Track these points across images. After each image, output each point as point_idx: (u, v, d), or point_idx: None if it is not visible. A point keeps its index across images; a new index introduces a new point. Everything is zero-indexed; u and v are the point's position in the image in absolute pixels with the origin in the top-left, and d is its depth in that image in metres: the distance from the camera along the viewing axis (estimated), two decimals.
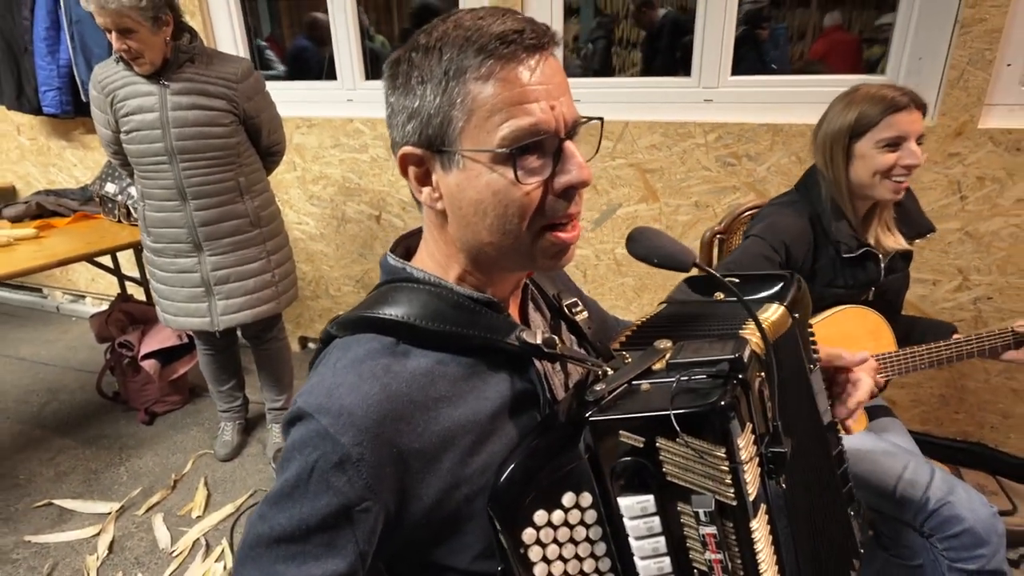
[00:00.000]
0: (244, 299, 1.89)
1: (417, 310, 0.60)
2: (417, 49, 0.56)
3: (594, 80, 2.16)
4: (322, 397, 0.55)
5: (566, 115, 0.56)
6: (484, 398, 0.60)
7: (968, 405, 1.94)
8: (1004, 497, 1.77)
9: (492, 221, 0.57)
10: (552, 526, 0.54)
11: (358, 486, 0.54)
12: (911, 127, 1.15)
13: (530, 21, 0.55)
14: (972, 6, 1.58)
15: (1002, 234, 1.74)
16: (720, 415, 0.50)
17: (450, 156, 0.57)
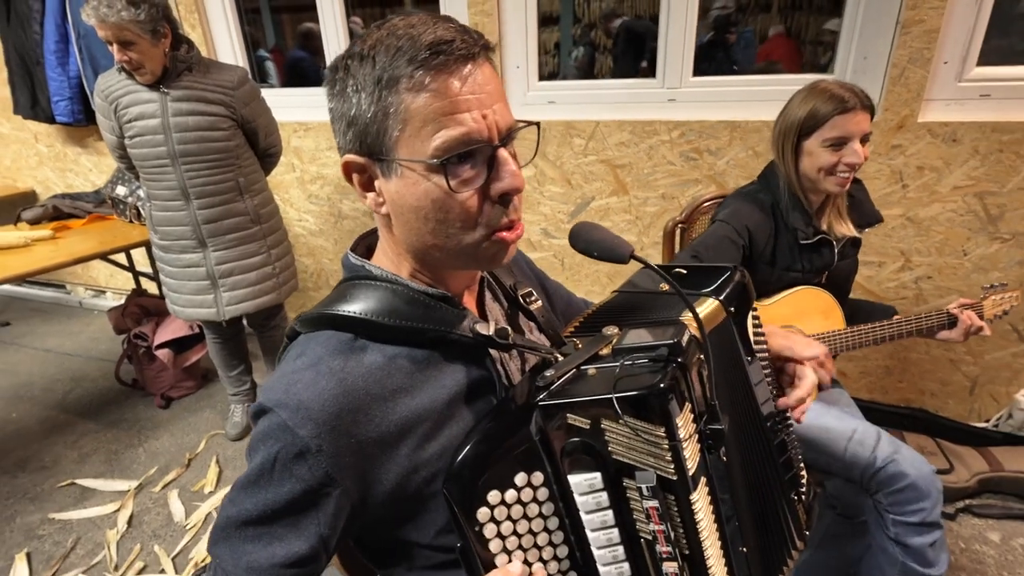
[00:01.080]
0: (247, 290, 1.86)
1: (374, 307, 0.58)
2: (353, 57, 0.53)
3: (566, 83, 2.12)
4: (281, 393, 0.54)
5: (499, 123, 0.53)
6: (440, 387, 0.59)
7: (910, 375, 1.94)
8: (942, 457, 1.78)
9: (433, 226, 0.55)
10: (505, 504, 0.53)
11: (318, 474, 0.53)
12: (855, 128, 1.13)
13: (462, 30, 0.52)
14: (912, 8, 1.56)
15: (940, 219, 1.73)
16: (659, 397, 0.49)
17: (389, 164, 0.54)
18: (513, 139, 0.57)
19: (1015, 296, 1.28)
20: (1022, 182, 1.62)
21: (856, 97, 1.13)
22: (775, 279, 1.24)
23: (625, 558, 0.55)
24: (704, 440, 0.54)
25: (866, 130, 1.14)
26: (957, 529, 1.64)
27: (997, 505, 1.69)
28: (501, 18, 2.01)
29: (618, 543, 0.54)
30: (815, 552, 1.28)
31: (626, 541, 0.54)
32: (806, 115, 1.16)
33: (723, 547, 0.58)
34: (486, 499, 0.52)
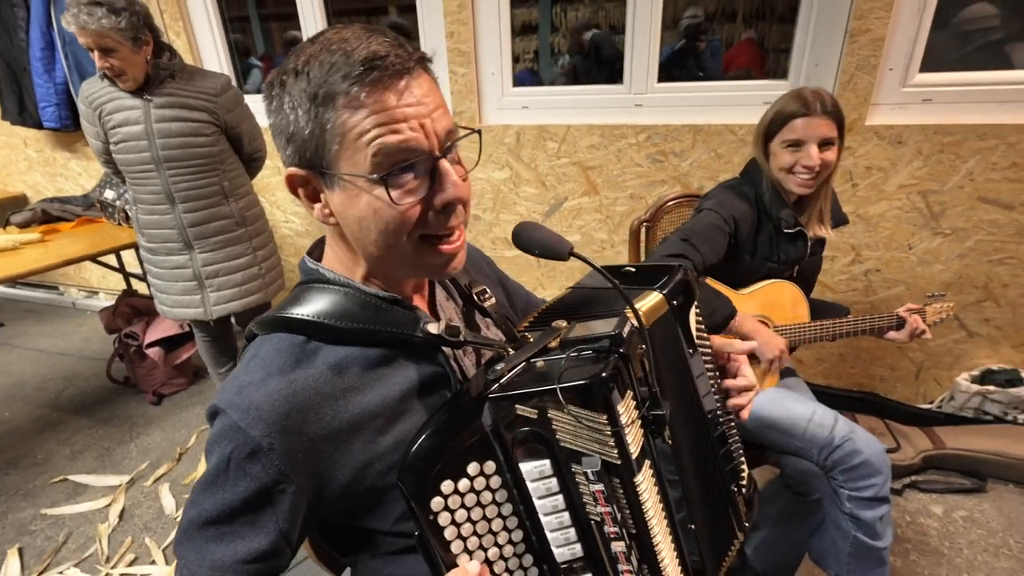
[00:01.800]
0: (234, 291, 1.82)
1: (327, 309, 0.57)
2: (288, 72, 0.51)
3: (539, 89, 2.10)
4: (233, 394, 0.53)
5: (439, 132, 0.52)
6: (393, 384, 0.57)
7: (862, 361, 1.97)
8: (891, 437, 1.81)
9: (376, 236, 0.54)
10: (459, 493, 0.52)
11: (272, 472, 0.52)
12: (811, 132, 1.13)
13: (396, 44, 0.50)
14: (859, 18, 1.57)
15: (887, 215, 1.75)
16: (600, 387, 0.49)
17: (330, 177, 0.52)
18: (455, 147, 0.55)
19: (951, 307, 1.31)
20: (961, 181, 1.65)
21: (820, 103, 1.13)
22: (754, 269, 1.25)
23: (577, 539, 0.55)
24: (647, 425, 0.54)
25: (825, 135, 1.13)
26: (903, 504, 1.67)
27: (940, 481, 1.72)
28: (476, 27, 1.98)
29: (569, 525, 0.54)
30: (772, 530, 1.29)
31: (577, 523, 0.54)
32: (772, 117, 1.17)
33: (670, 525, 0.58)
34: (439, 489, 0.51)
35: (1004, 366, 1.79)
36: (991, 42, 1.65)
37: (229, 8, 2.42)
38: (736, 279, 1.26)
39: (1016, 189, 1.62)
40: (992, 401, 1.80)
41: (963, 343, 1.83)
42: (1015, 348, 1.78)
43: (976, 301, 1.76)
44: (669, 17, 2.11)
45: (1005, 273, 1.71)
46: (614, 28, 2.60)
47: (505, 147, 2.08)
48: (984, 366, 1.82)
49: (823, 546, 1.16)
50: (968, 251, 1.71)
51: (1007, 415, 1.80)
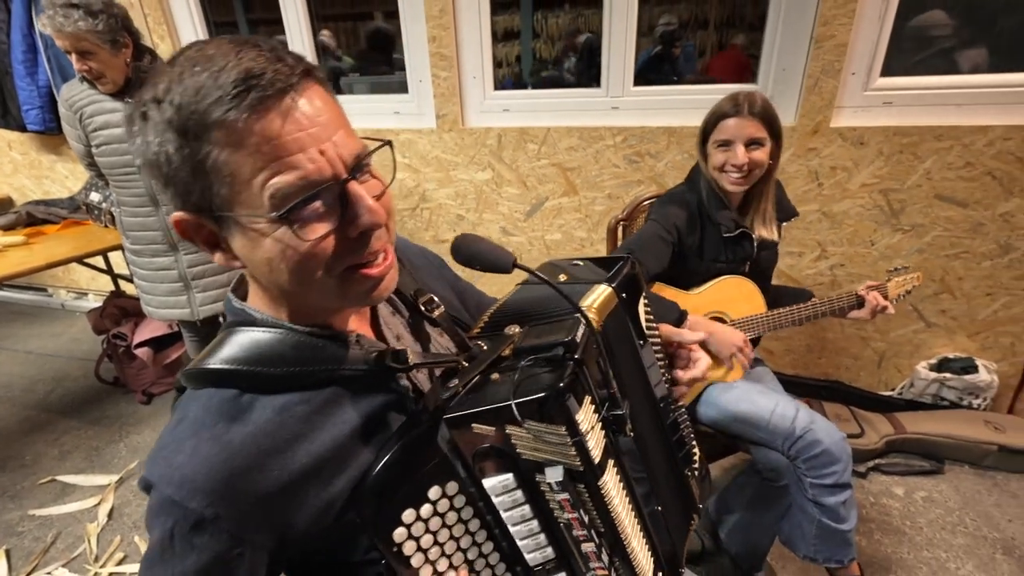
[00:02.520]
0: (220, 291, 1.77)
1: (258, 355, 0.49)
2: (148, 103, 0.42)
3: (519, 92, 2.08)
4: (163, 467, 0.46)
5: (343, 154, 0.44)
6: (342, 423, 0.51)
7: (828, 352, 2.00)
8: (855, 423, 1.84)
9: (288, 276, 0.46)
10: (422, 519, 0.49)
11: (223, 539, 0.46)
12: (738, 132, 1.13)
13: (274, 57, 0.41)
14: (824, 24, 1.58)
15: (851, 213, 1.77)
16: (556, 399, 0.46)
17: (225, 221, 0.44)
18: (366, 167, 0.47)
19: (916, 277, 1.31)
20: (919, 180, 1.67)
21: (748, 104, 1.12)
22: (704, 269, 1.25)
23: (547, 543, 0.53)
24: (608, 426, 0.52)
25: (752, 135, 1.13)
26: (867, 486, 1.70)
27: (901, 464, 1.75)
28: (458, 32, 1.95)
29: (539, 532, 0.52)
30: (744, 514, 1.30)
31: (547, 529, 0.52)
32: (707, 118, 1.17)
33: (638, 516, 0.57)
34: (400, 519, 0.48)
35: (959, 354, 1.83)
36: (943, 49, 1.68)
37: (217, 13, 2.36)
38: (689, 281, 1.26)
39: (970, 187, 1.64)
40: (949, 387, 1.83)
41: (922, 333, 1.86)
42: (970, 337, 1.82)
43: (934, 293, 1.79)
44: (645, 24, 2.10)
45: (960, 267, 1.74)
46: (593, 33, 2.59)
47: (487, 149, 2.05)
48: (941, 355, 1.85)
49: (791, 529, 1.17)
50: (926, 246, 1.74)
51: (962, 400, 1.84)
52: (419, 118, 2.12)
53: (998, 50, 1.64)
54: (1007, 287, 1.72)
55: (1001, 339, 1.79)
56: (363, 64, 2.64)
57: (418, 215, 2.27)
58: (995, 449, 1.70)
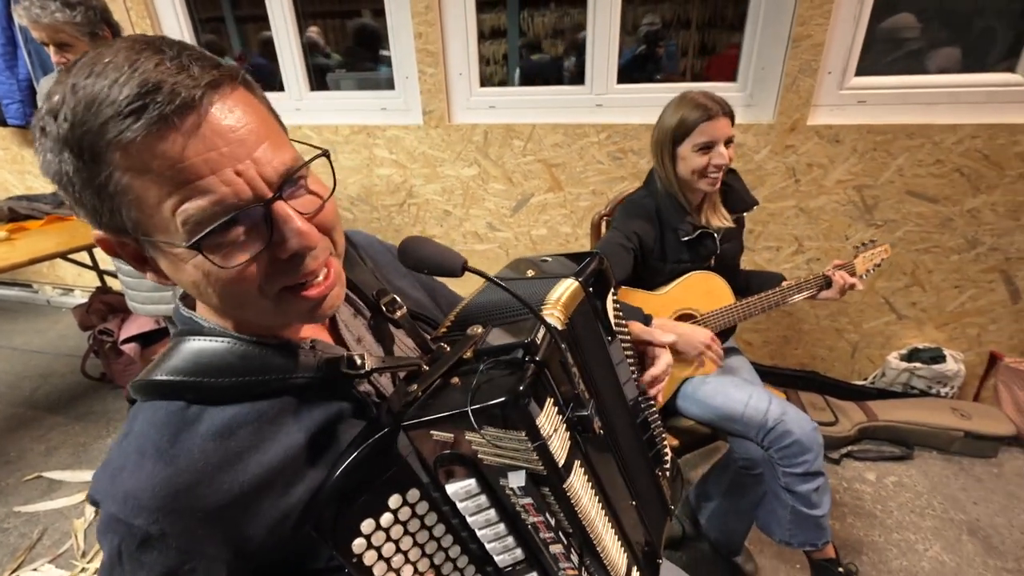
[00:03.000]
0: None
1: (205, 365, 0.46)
2: (44, 116, 0.37)
3: (505, 89, 2.06)
4: (107, 483, 0.43)
5: (267, 172, 0.39)
6: (296, 432, 0.48)
7: (804, 343, 2.02)
8: (829, 412, 1.86)
9: (218, 300, 0.43)
10: (382, 528, 0.46)
11: (172, 556, 0.43)
12: (719, 133, 1.13)
13: (175, 68, 0.36)
14: (801, 24, 1.58)
15: (827, 208, 1.79)
16: (514, 404, 0.43)
17: (144, 244, 0.41)
18: (298, 180, 0.43)
19: (884, 249, 1.30)
20: (892, 176, 1.69)
21: (718, 105, 1.13)
22: (668, 270, 1.24)
23: (516, 545, 0.51)
24: (573, 427, 0.49)
25: (729, 134, 1.14)
26: (841, 472, 1.72)
27: (873, 450, 1.78)
28: (444, 29, 1.93)
29: (506, 535, 0.50)
30: (722, 501, 1.31)
31: (514, 531, 0.50)
32: (677, 123, 1.14)
33: (609, 513, 0.55)
34: (359, 530, 0.45)
35: (929, 345, 1.86)
36: (913, 50, 1.69)
37: (203, 8, 2.30)
38: (654, 281, 1.25)
39: (940, 184, 1.66)
40: (918, 377, 1.86)
41: (893, 325, 1.89)
42: (938, 328, 1.85)
43: (904, 286, 1.82)
44: (629, 23, 2.09)
45: (930, 260, 1.76)
46: (579, 28, 2.57)
47: (473, 145, 2.03)
48: (911, 345, 1.88)
49: (767, 515, 1.19)
50: (898, 241, 1.76)
51: (931, 389, 1.87)
52: (406, 114, 2.10)
53: (966, 51, 1.66)
54: (974, 280, 1.75)
55: (968, 330, 1.83)
56: (350, 60, 2.59)
57: (405, 211, 2.24)
58: (961, 435, 1.74)
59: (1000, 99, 1.58)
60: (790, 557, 1.42)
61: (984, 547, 1.45)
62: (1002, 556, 1.42)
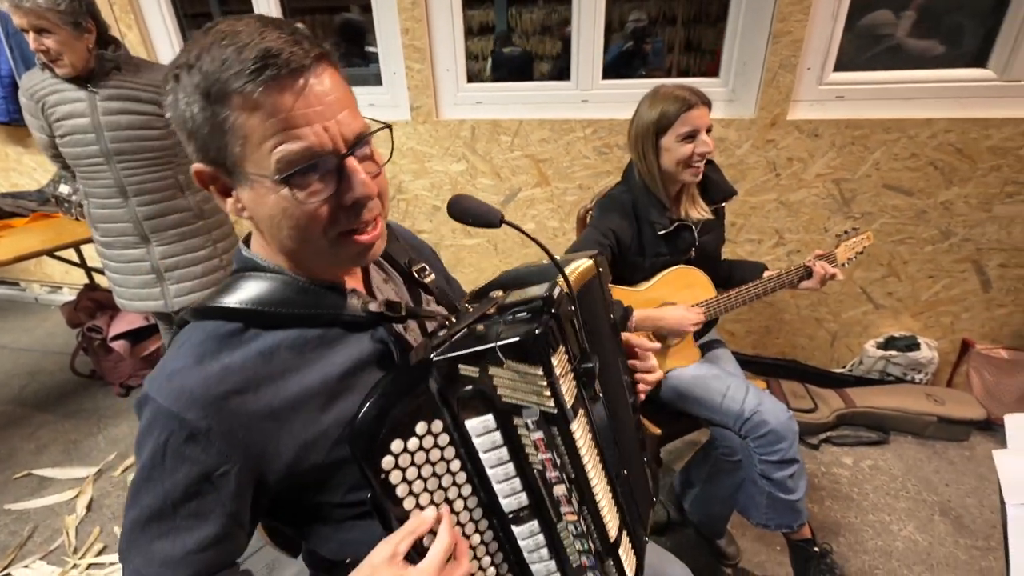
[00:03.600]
0: (195, 282, 1.70)
1: (264, 296, 0.53)
2: (181, 67, 0.46)
3: (492, 85, 2.06)
4: (164, 380, 0.49)
5: (345, 132, 0.48)
6: (333, 363, 0.54)
7: (785, 332, 2.05)
8: (809, 399, 1.90)
9: (287, 233, 0.50)
10: (408, 452, 0.50)
11: (212, 453, 0.48)
12: (700, 121, 1.14)
13: (292, 40, 0.45)
14: (781, 21, 1.60)
15: (806, 202, 1.81)
16: (534, 342, 0.49)
17: (237, 175, 0.49)
18: (366, 144, 0.51)
19: (867, 236, 1.31)
20: (869, 170, 1.72)
21: (696, 95, 1.13)
22: (648, 265, 1.24)
23: (522, 488, 0.55)
24: (579, 377, 0.55)
25: (708, 123, 1.15)
26: (819, 457, 1.76)
27: (850, 435, 1.82)
28: (430, 25, 1.91)
29: (514, 476, 0.54)
30: (704, 486, 1.33)
31: (521, 473, 0.54)
32: (658, 116, 1.14)
33: (605, 469, 0.59)
34: (389, 448, 0.49)
35: (904, 333, 1.90)
36: (891, 46, 1.71)
37: (189, 4, 2.26)
38: (634, 277, 1.26)
39: (915, 177, 1.69)
40: (894, 364, 1.90)
41: (870, 314, 1.92)
42: (914, 317, 1.89)
43: (881, 277, 1.85)
44: (616, 20, 2.09)
45: (905, 251, 1.80)
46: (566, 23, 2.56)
47: (461, 141, 2.03)
48: (888, 334, 1.92)
49: (745, 500, 1.21)
50: (874, 232, 1.78)
51: (906, 376, 1.91)
52: (394, 110, 2.08)
53: (939, 47, 1.69)
54: (947, 270, 1.79)
55: (942, 318, 1.87)
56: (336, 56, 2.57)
57: (394, 206, 2.23)
58: (935, 420, 1.78)
59: (972, 94, 1.61)
60: (770, 539, 1.45)
61: (955, 526, 1.49)
62: (972, 534, 1.46)
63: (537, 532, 0.56)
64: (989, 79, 1.59)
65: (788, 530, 1.17)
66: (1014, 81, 1.57)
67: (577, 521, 0.56)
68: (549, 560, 0.57)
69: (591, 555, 0.57)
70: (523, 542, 0.56)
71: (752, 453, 1.12)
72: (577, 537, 0.56)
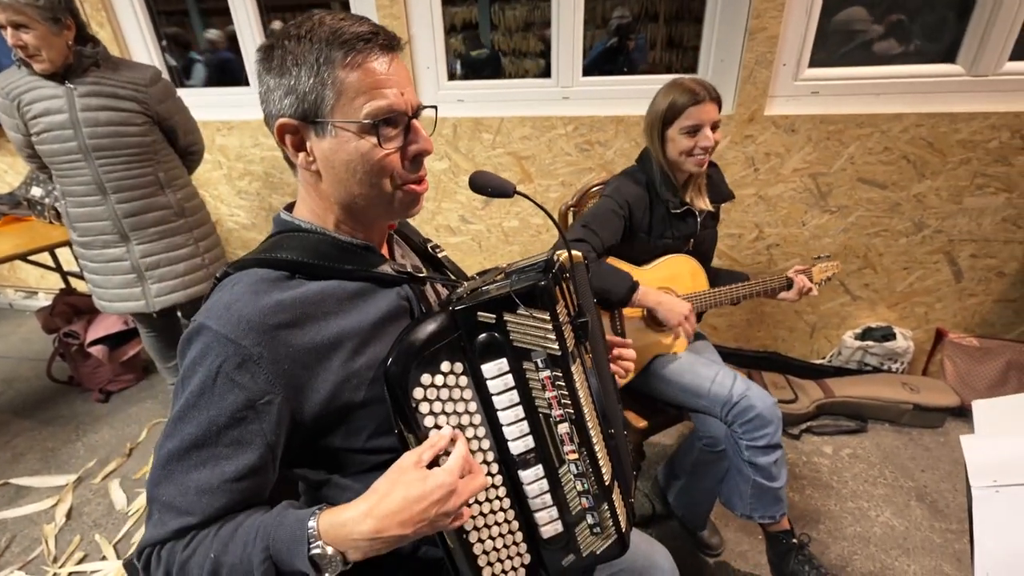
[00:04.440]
0: (176, 281, 1.67)
1: (309, 251, 0.61)
2: (290, 38, 0.56)
3: (473, 83, 2.04)
4: (221, 310, 0.54)
5: (412, 101, 0.59)
6: (366, 312, 0.61)
7: (766, 325, 2.08)
8: (790, 390, 1.93)
9: (361, 177, 0.59)
10: (435, 387, 0.57)
11: (260, 380, 0.53)
12: (706, 116, 1.16)
13: (382, 28, 0.58)
14: (757, 17, 1.61)
15: (784, 196, 1.83)
16: (543, 289, 0.57)
17: (323, 126, 0.57)
18: (420, 115, 0.62)
19: (836, 265, 1.39)
20: (844, 164, 1.75)
21: (706, 91, 1.16)
22: (651, 246, 1.28)
23: (529, 431, 0.60)
24: (576, 330, 0.62)
25: (715, 118, 1.18)
26: (800, 446, 1.79)
27: (830, 424, 1.85)
28: (409, 22, 1.90)
29: (523, 418, 0.60)
30: (688, 478, 1.35)
31: (529, 416, 0.60)
32: (667, 107, 1.18)
33: (598, 420, 0.66)
34: (420, 380, 0.56)
35: (880, 324, 1.94)
36: (864, 42, 1.74)
37: (164, 1, 2.21)
38: (637, 256, 1.29)
39: (888, 171, 1.72)
40: (871, 354, 1.94)
41: (848, 306, 1.96)
42: (889, 308, 1.93)
43: (858, 269, 1.89)
44: (599, 17, 2.10)
45: (880, 244, 1.83)
46: (547, 24, 2.56)
47: (443, 139, 2.02)
48: (865, 325, 1.96)
49: (729, 490, 1.23)
50: (850, 225, 1.82)
51: (883, 365, 1.95)
52: None
53: (910, 43, 1.72)
54: (921, 261, 1.83)
55: (916, 309, 1.91)
56: None
57: None
58: (911, 408, 1.82)
59: (941, 89, 1.64)
60: (752, 530, 1.47)
61: (931, 511, 1.53)
62: (947, 518, 1.50)
63: (542, 476, 0.61)
64: (958, 74, 1.63)
65: (771, 520, 1.19)
66: (981, 76, 1.61)
67: (578, 460, 0.61)
68: (551, 507, 0.62)
69: (589, 496, 0.63)
70: (528, 487, 0.61)
71: (738, 440, 1.13)
72: (577, 477, 0.62)
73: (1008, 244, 1.74)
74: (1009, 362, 1.79)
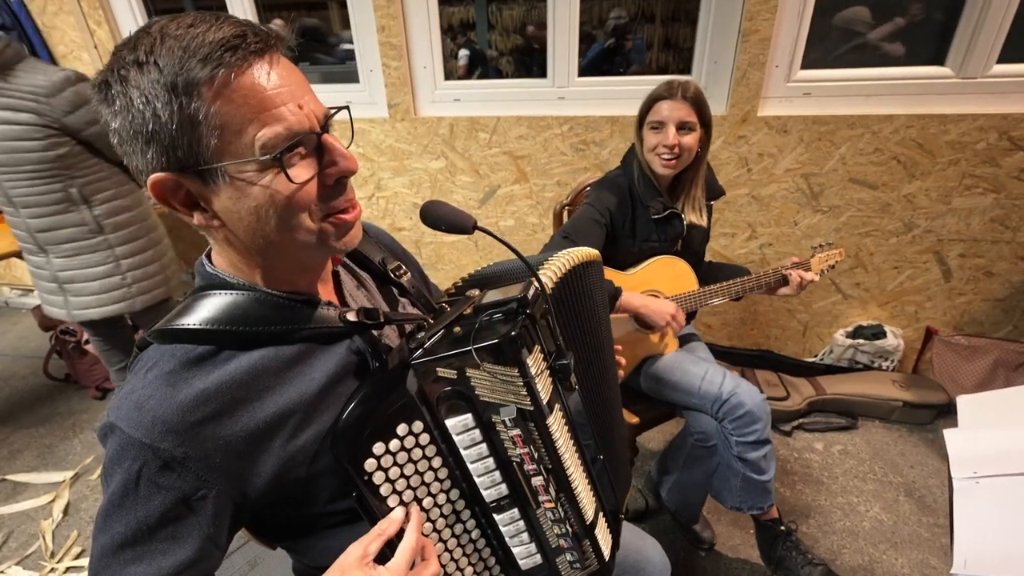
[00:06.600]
0: (91, 298, 1.54)
1: (238, 315, 0.51)
2: (127, 66, 0.42)
3: (469, 82, 2.06)
4: (133, 410, 0.46)
5: (315, 112, 0.47)
6: (311, 379, 0.53)
7: (759, 324, 2.10)
8: (782, 387, 1.95)
9: (276, 223, 0.48)
10: (391, 453, 0.52)
11: (189, 479, 0.47)
12: (670, 114, 1.15)
13: (249, 24, 0.44)
14: (749, 19, 1.63)
15: (777, 196, 1.86)
16: (509, 344, 0.50)
17: (211, 174, 0.45)
18: (331, 125, 0.50)
19: (839, 252, 1.37)
20: (835, 165, 1.77)
21: (681, 90, 1.14)
22: (637, 250, 1.27)
23: (502, 480, 0.57)
24: (555, 374, 0.57)
25: (682, 118, 1.14)
26: (792, 443, 1.81)
27: (821, 421, 1.87)
28: (407, 22, 1.91)
29: (494, 469, 0.56)
30: (681, 473, 1.37)
31: (500, 466, 0.56)
32: (644, 101, 1.19)
33: (581, 457, 0.62)
34: (371, 451, 0.51)
35: (871, 322, 1.96)
36: (859, 44, 1.77)
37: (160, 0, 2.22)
38: (624, 260, 1.28)
39: (879, 171, 1.75)
40: (862, 352, 1.97)
41: (839, 304, 1.98)
42: (880, 306, 1.95)
43: (849, 268, 1.91)
44: (597, 18, 2.12)
45: (871, 243, 1.86)
46: (543, 25, 2.57)
47: (440, 138, 2.03)
48: (856, 323, 1.98)
49: (719, 484, 1.25)
50: (842, 225, 1.85)
51: (874, 363, 1.98)
52: (371, 107, 2.08)
53: (904, 45, 1.74)
54: (911, 261, 1.85)
55: (906, 307, 1.93)
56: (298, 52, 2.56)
57: (374, 203, 2.23)
58: (900, 405, 1.85)
59: (931, 91, 1.67)
60: (744, 523, 1.49)
61: (919, 506, 1.55)
62: (934, 513, 1.53)
63: (518, 519, 0.59)
64: (947, 76, 1.65)
65: (759, 511, 1.21)
66: (970, 78, 1.63)
67: (555, 508, 0.58)
68: (529, 543, 0.60)
69: (569, 537, 0.60)
70: (504, 528, 0.59)
71: (728, 435, 1.15)
72: (555, 522, 0.59)
73: (996, 244, 1.76)
74: (997, 360, 1.81)
